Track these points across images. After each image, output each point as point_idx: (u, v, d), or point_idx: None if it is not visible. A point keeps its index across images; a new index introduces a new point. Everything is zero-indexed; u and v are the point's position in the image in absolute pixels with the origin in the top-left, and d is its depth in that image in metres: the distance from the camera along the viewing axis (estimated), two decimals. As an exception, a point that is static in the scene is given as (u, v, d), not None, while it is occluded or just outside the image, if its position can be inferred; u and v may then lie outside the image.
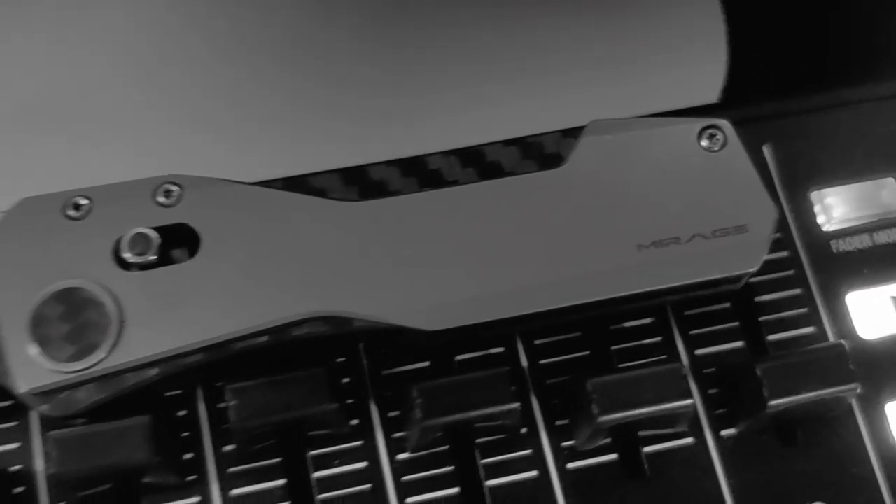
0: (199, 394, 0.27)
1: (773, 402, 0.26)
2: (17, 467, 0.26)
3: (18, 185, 0.27)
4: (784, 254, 0.29)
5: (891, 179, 0.30)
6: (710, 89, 0.36)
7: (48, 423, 0.27)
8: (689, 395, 0.26)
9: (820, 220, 0.30)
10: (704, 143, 0.27)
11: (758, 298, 0.29)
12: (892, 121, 0.31)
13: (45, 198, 0.26)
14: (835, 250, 0.30)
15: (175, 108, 0.28)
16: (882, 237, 0.30)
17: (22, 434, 0.27)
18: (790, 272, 0.29)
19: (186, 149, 0.27)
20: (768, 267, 0.28)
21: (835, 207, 0.30)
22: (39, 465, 0.26)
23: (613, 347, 0.28)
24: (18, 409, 0.27)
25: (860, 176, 0.31)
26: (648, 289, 0.25)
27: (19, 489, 0.26)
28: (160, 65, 0.29)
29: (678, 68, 0.37)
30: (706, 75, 0.36)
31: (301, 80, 0.28)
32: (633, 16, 0.37)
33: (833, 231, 0.30)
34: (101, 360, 0.25)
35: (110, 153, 0.28)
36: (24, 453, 0.27)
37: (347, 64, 0.28)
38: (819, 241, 0.30)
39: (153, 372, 0.25)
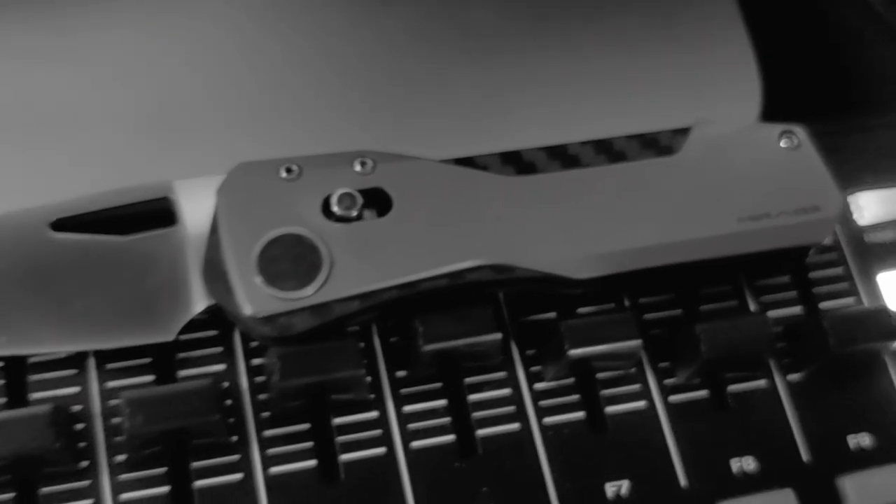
0: (374, 329, 0.33)
1: (837, 349, 0.33)
2: (225, 384, 0.32)
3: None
4: (829, 241, 0.37)
5: (908, 188, 0.38)
6: (748, 116, 0.43)
7: (250, 350, 0.32)
8: (774, 339, 0.32)
9: (856, 216, 0.37)
10: (783, 143, 0.34)
11: (810, 275, 0.36)
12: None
13: (258, 163, 0.32)
14: (867, 240, 0.37)
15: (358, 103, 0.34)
16: (903, 232, 0.38)
17: (228, 357, 0.32)
18: (834, 255, 0.37)
19: (377, 132, 0.33)
20: (818, 250, 0.35)
21: (866, 208, 0.38)
22: (244, 382, 0.32)
23: (701, 308, 0.35)
24: (223, 337, 0.32)
25: (885, 184, 0.38)
26: (749, 251, 0.32)
27: (228, 402, 0.32)
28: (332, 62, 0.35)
29: (718, 101, 0.44)
30: (745, 104, 0.44)
31: (473, 79, 0.35)
32: (683, 58, 0.44)
33: (865, 226, 0.37)
34: (315, 292, 0.30)
35: (308, 131, 0.34)
36: (231, 373, 0.32)
37: (509, 69, 0.35)
38: (855, 233, 0.37)
39: (355, 305, 0.31)
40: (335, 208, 0.31)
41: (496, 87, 0.36)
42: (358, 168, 0.32)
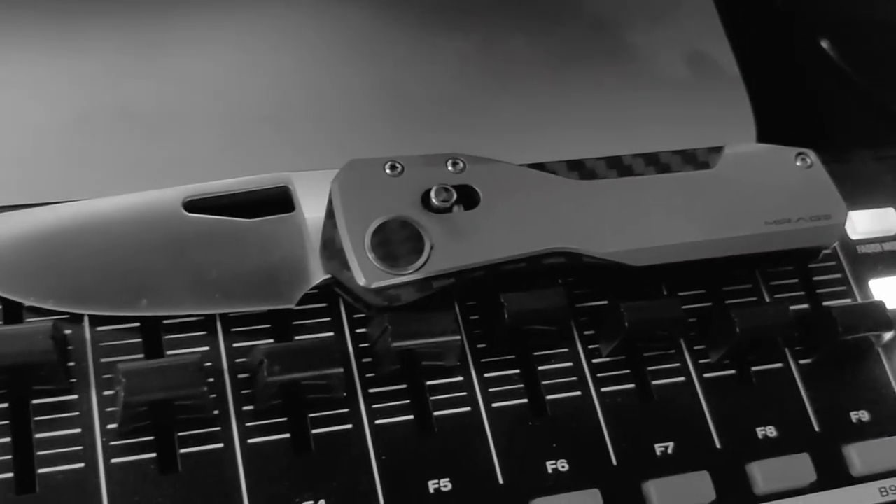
0: (456, 309, 0.38)
1: (843, 335, 0.39)
2: (335, 348, 0.37)
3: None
4: (828, 251, 0.43)
5: (891, 209, 0.45)
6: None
7: (354, 320, 0.37)
8: (792, 323, 0.39)
9: (850, 231, 0.44)
10: (798, 162, 0.40)
11: (814, 278, 0.42)
12: (889, 173, 0.46)
13: (367, 160, 0.37)
14: (860, 252, 0.44)
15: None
16: (888, 246, 0.44)
17: (336, 326, 0.37)
18: (833, 263, 0.43)
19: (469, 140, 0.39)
20: (820, 259, 0.42)
21: (857, 224, 0.44)
22: (350, 347, 0.37)
23: (726, 301, 0.41)
24: (331, 309, 0.37)
25: (872, 205, 0.45)
26: (774, 249, 0.38)
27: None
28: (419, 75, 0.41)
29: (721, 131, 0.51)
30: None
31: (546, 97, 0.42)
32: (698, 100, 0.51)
33: (858, 239, 0.44)
34: (418, 269, 0.36)
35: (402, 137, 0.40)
36: (339, 340, 0.37)
37: (571, 97, 0.42)
38: (850, 245, 0.44)
39: (450, 281, 0.36)
40: (434, 200, 0.37)
41: (563, 111, 0.43)
42: (450, 168, 0.38)
